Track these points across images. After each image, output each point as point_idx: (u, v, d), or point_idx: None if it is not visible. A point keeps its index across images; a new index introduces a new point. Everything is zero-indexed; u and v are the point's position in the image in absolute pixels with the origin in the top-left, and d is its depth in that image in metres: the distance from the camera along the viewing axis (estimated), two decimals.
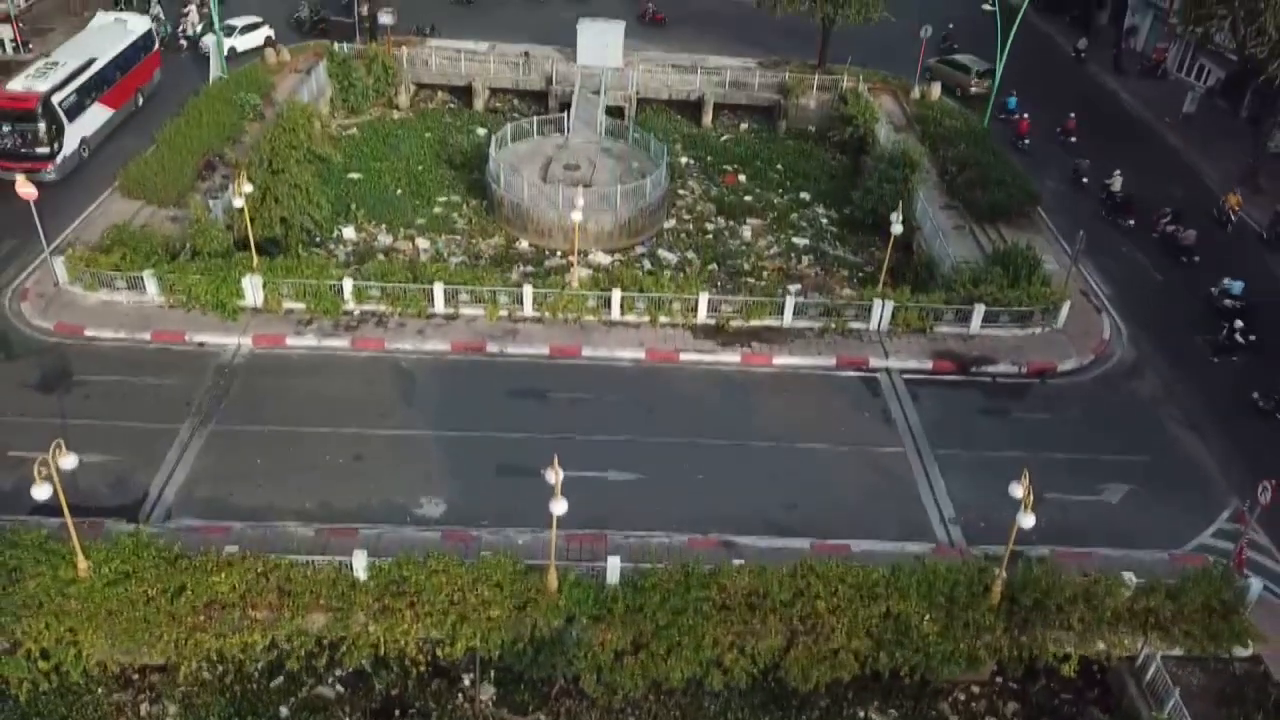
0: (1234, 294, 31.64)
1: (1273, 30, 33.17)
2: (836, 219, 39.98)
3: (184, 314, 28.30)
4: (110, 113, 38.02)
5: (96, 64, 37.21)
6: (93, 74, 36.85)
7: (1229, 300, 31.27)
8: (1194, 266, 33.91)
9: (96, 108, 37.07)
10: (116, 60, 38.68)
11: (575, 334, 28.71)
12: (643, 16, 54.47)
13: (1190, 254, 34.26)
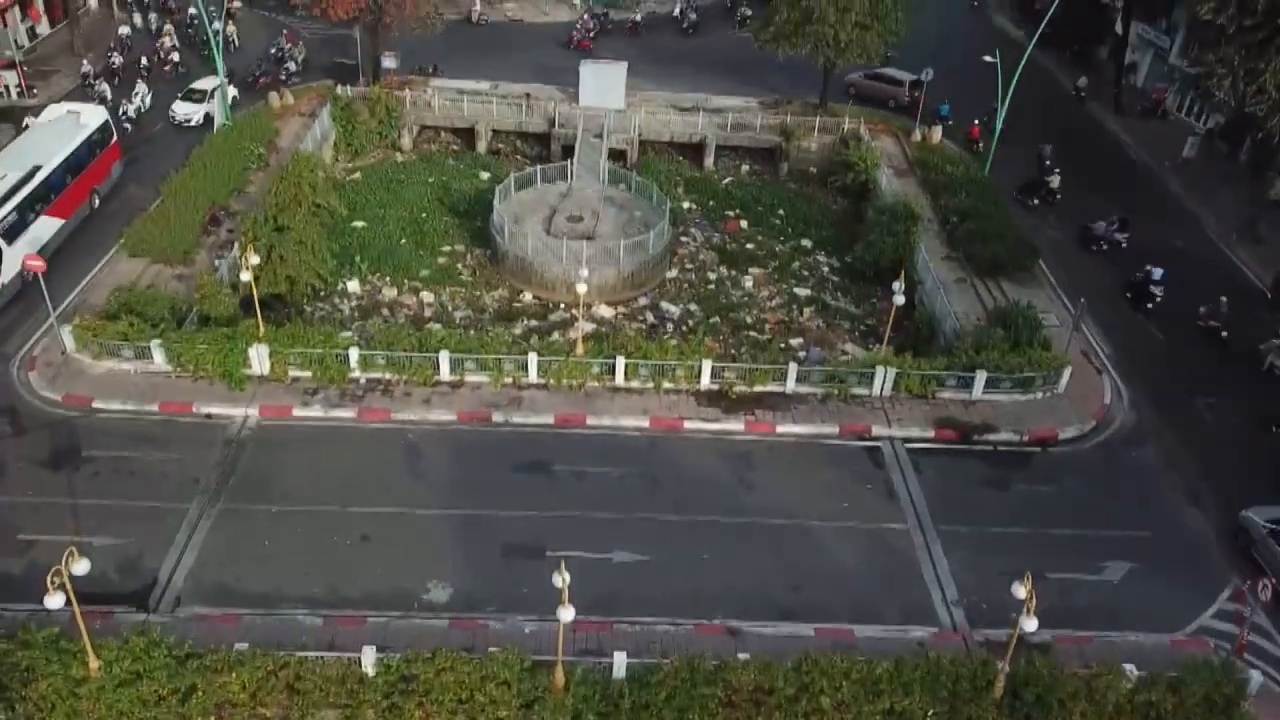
0: (1155, 278, 34.76)
1: (1273, 89, 33.35)
2: (838, 268, 40.17)
3: (191, 383, 28.49)
4: (59, 224, 34.08)
5: (42, 172, 33.44)
6: (38, 184, 33.06)
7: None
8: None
9: (43, 221, 33.19)
10: (67, 162, 34.90)
11: (580, 402, 28.90)
12: (568, 43, 55.47)
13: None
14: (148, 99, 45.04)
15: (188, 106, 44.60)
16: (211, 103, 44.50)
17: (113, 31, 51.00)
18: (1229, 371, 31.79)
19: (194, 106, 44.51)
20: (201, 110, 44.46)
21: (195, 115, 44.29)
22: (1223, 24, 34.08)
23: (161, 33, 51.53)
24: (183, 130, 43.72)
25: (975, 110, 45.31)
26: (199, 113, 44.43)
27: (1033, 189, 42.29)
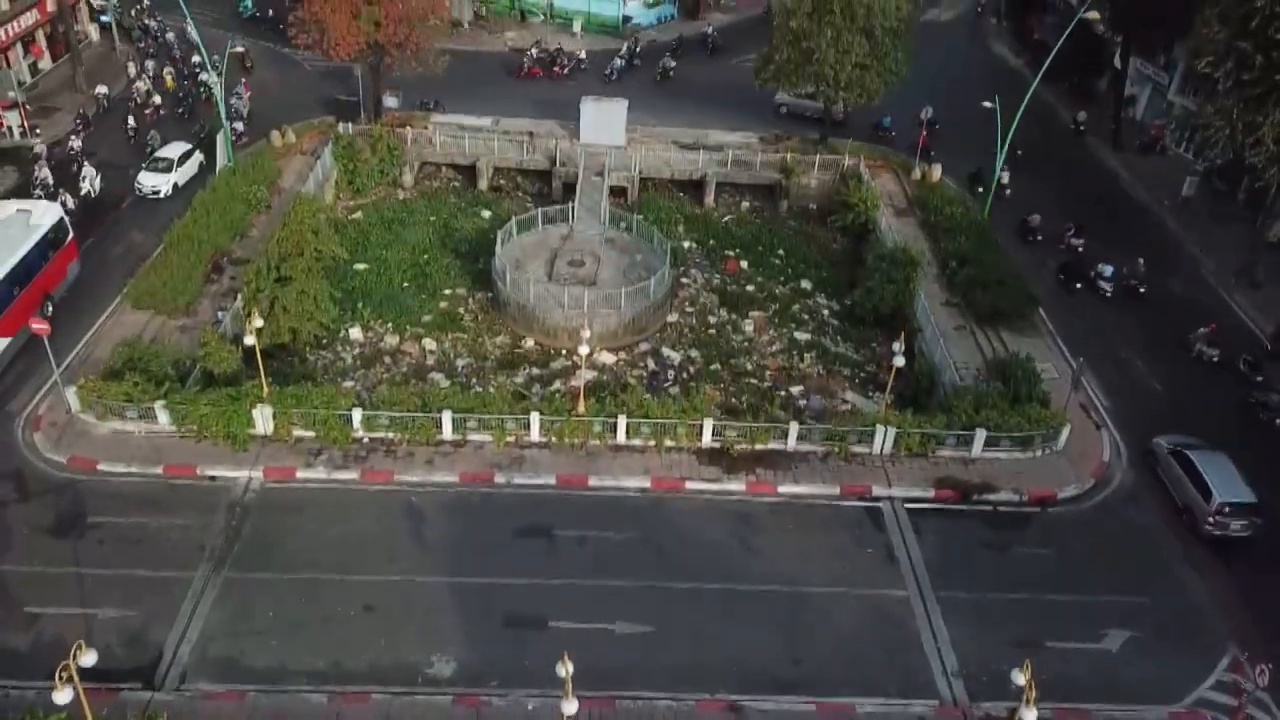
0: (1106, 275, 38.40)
1: (1270, 142, 33.53)
2: (838, 310, 40.31)
3: (195, 444, 28.67)
4: (5, 341, 30.88)
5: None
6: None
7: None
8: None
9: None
10: (15, 272, 31.48)
11: (582, 461, 29.07)
12: (518, 71, 55.89)
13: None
14: (96, 182, 41.47)
15: (154, 178, 42.02)
16: (180, 170, 42.62)
17: (81, 102, 48.12)
18: (1233, 428, 31.88)
19: (161, 177, 42.04)
20: (169, 180, 42.10)
21: (163, 186, 41.90)
22: (1220, 77, 34.26)
23: (160, 76, 51.22)
24: (150, 204, 41.36)
25: (978, 148, 45.23)
26: (167, 183, 42.04)
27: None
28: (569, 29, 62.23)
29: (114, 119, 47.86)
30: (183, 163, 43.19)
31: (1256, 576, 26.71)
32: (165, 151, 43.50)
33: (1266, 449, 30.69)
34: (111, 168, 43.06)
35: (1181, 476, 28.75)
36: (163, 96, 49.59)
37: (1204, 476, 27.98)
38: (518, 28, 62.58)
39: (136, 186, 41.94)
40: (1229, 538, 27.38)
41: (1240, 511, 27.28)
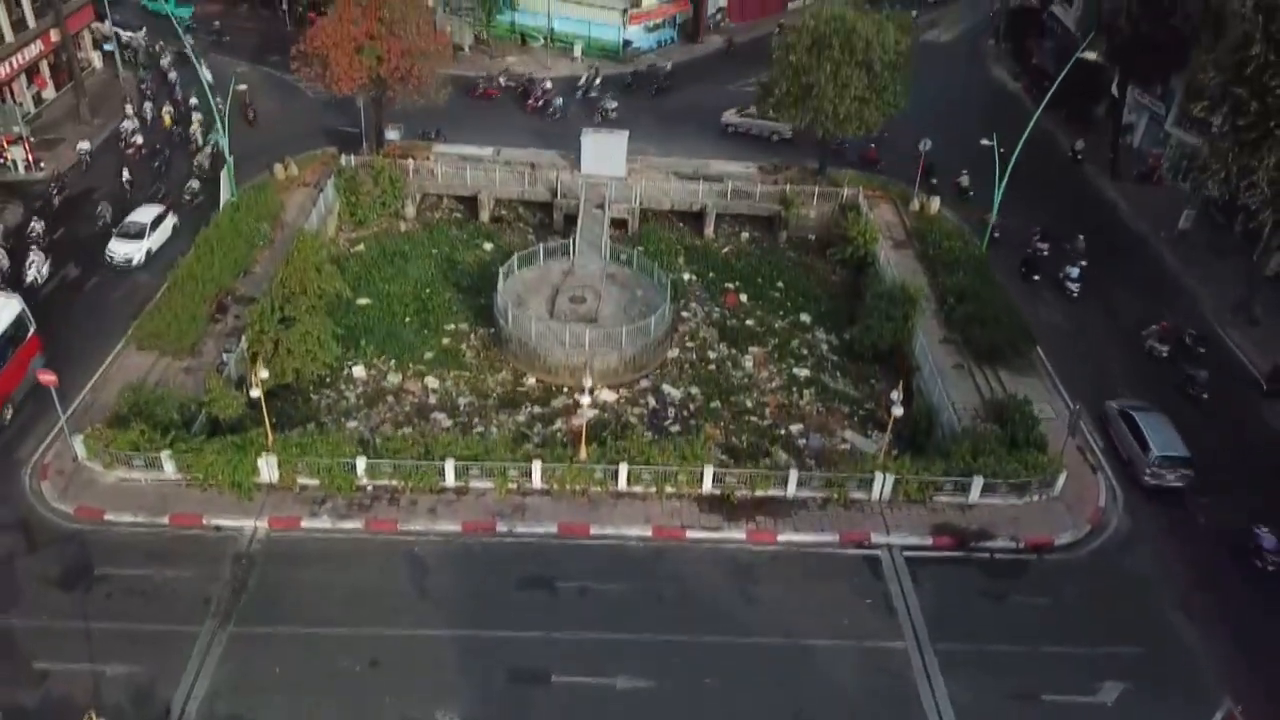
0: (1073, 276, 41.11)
1: (1265, 185, 33.83)
2: (837, 345, 40.60)
3: (201, 492, 28.95)
4: None
5: None
6: None
7: None
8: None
9: None
10: None
11: (583, 509, 29.36)
12: (473, 91, 55.90)
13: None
14: (44, 269, 38.27)
15: (126, 246, 39.28)
16: (154, 235, 40.16)
17: (52, 172, 45.20)
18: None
19: (133, 245, 39.29)
20: (143, 248, 39.43)
21: (136, 254, 39.17)
22: (1216, 122, 34.57)
23: (160, 115, 50.75)
24: (123, 274, 38.73)
25: (979, 180, 45.51)
26: (140, 251, 39.29)
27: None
28: (569, 53, 62.46)
29: (98, 173, 45.99)
30: (156, 226, 40.64)
31: (1250, 626, 27.00)
32: (137, 216, 40.78)
33: (1198, 418, 33.85)
34: (82, 247, 40.43)
35: (1126, 433, 32.54)
36: (152, 135, 49.25)
37: (1144, 433, 31.73)
38: (518, 52, 62.88)
39: (107, 256, 39.21)
40: (1164, 487, 30.96)
41: (1174, 464, 30.91)
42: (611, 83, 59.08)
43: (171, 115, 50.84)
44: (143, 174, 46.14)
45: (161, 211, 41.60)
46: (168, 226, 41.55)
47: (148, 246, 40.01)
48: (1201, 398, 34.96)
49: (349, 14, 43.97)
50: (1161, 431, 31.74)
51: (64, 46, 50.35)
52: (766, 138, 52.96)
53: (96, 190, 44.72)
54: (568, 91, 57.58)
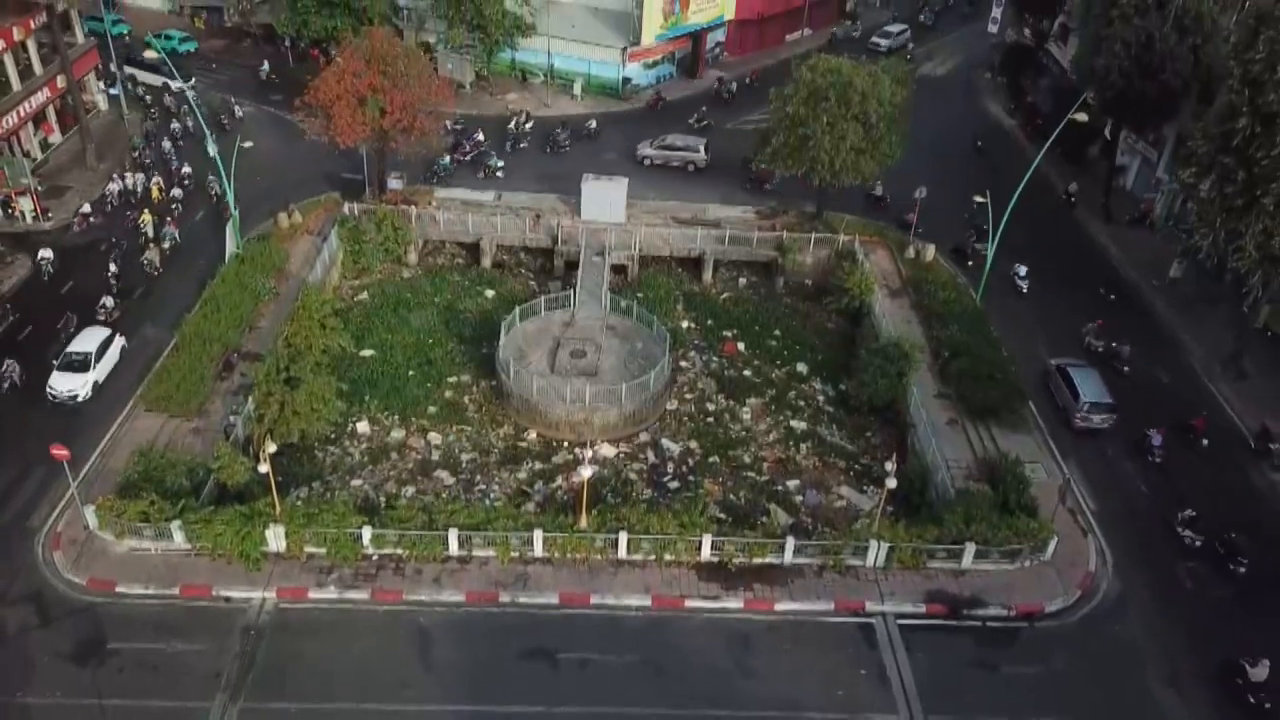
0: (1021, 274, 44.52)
1: (1253, 249, 34.50)
2: (833, 396, 41.25)
3: (210, 562, 29.57)
4: None
5: None
6: None
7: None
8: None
9: None
10: None
11: (584, 578, 29.99)
12: (455, 149, 54.24)
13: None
14: (18, 376, 35.97)
15: (69, 379, 35.33)
16: (101, 365, 36.29)
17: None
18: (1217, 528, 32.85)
19: (77, 378, 35.31)
20: (88, 381, 35.42)
21: (81, 389, 35.16)
22: (1204, 188, 35.27)
23: (150, 185, 48.89)
24: (65, 413, 34.75)
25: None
26: (85, 385, 35.31)
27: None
28: (570, 90, 63.10)
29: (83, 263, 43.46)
30: (102, 354, 36.50)
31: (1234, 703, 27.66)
32: (79, 344, 36.48)
33: (1119, 384, 38.72)
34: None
35: (1062, 385, 38.16)
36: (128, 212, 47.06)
37: (1076, 384, 37.36)
38: (519, 89, 63.48)
39: (49, 392, 35.15)
40: (1092, 429, 36.71)
41: (1100, 409, 36.70)
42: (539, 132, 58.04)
43: (160, 187, 49.00)
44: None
45: (107, 336, 37.21)
46: (115, 351, 37.31)
47: (93, 379, 35.80)
48: (1124, 370, 40.02)
49: (352, 67, 44.65)
50: (1090, 383, 37.47)
51: (70, 91, 50.89)
52: (682, 168, 54.43)
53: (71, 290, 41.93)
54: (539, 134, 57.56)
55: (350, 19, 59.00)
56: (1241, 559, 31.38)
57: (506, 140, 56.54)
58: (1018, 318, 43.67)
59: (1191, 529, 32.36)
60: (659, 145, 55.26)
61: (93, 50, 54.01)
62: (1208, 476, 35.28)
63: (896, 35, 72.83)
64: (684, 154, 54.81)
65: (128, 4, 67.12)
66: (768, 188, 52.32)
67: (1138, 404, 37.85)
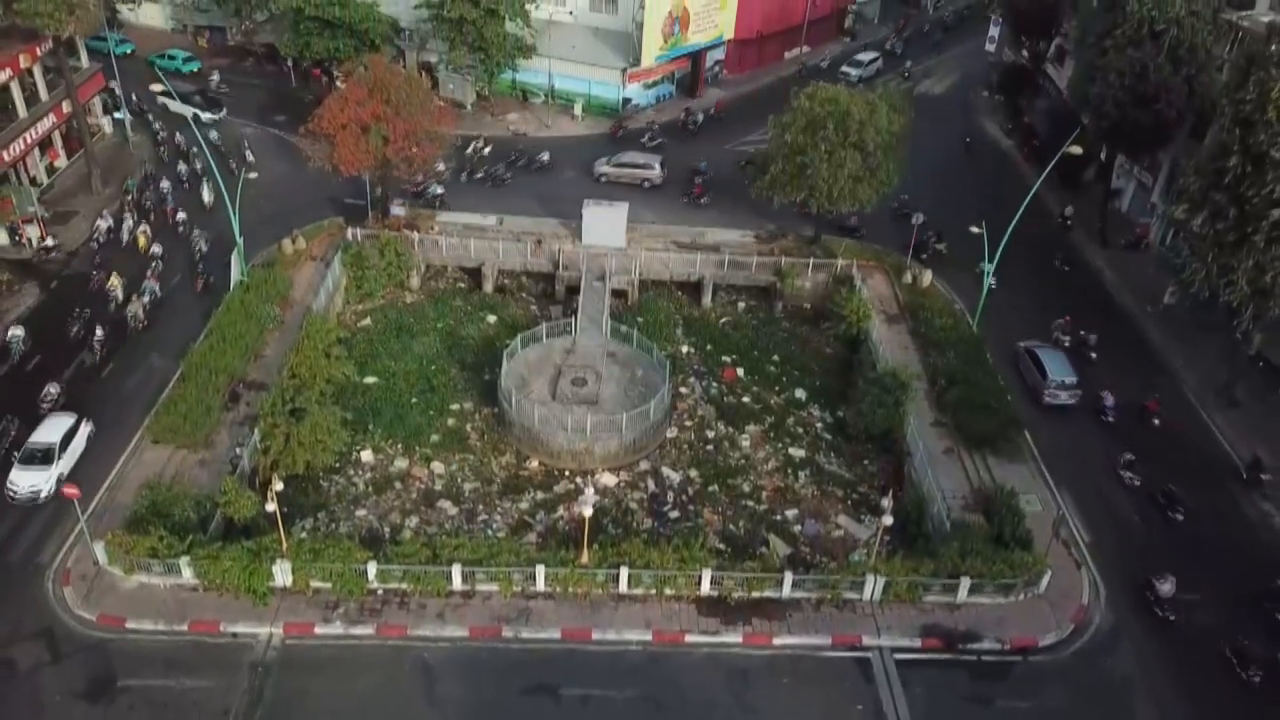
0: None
1: (1244, 284, 35.01)
2: (831, 424, 41.75)
3: (217, 597, 30.07)
4: None
5: None
6: None
7: None
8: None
9: None
10: None
11: (585, 613, 30.49)
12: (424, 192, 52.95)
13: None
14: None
15: (31, 476, 32.71)
16: (65, 457, 33.69)
17: None
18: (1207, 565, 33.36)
19: (39, 474, 32.71)
20: (50, 476, 32.72)
21: (44, 485, 32.61)
22: (1197, 224, 35.78)
23: (136, 233, 47.52)
24: (26, 511, 32.44)
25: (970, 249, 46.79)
26: (49, 480, 32.68)
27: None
28: (570, 110, 63.59)
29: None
30: (67, 444, 33.83)
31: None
32: (41, 435, 33.86)
33: (1090, 371, 41.92)
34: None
35: (1031, 365, 41.42)
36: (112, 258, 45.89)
37: (1044, 364, 40.86)
38: (520, 109, 63.99)
39: (9, 491, 32.51)
40: (1059, 404, 40.06)
41: (1065, 386, 40.08)
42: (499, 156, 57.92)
43: (147, 236, 47.43)
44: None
45: (73, 424, 34.54)
46: (82, 439, 34.62)
47: (58, 473, 33.05)
48: (1091, 357, 43.18)
49: (355, 96, 45.17)
50: (1057, 362, 41.09)
51: (75, 116, 51.36)
52: (639, 185, 55.37)
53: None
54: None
55: (352, 40, 59.54)
56: (1179, 507, 34.89)
57: (463, 167, 55.59)
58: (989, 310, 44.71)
59: (1130, 471, 36.62)
60: (616, 163, 56.41)
61: (98, 74, 54.47)
62: (1156, 440, 38.34)
63: (867, 64, 71.14)
64: (640, 171, 56.04)
65: (131, 24, 67.44)
66: (703, 202, 53.94)
67: (1107, 387, 40.34)
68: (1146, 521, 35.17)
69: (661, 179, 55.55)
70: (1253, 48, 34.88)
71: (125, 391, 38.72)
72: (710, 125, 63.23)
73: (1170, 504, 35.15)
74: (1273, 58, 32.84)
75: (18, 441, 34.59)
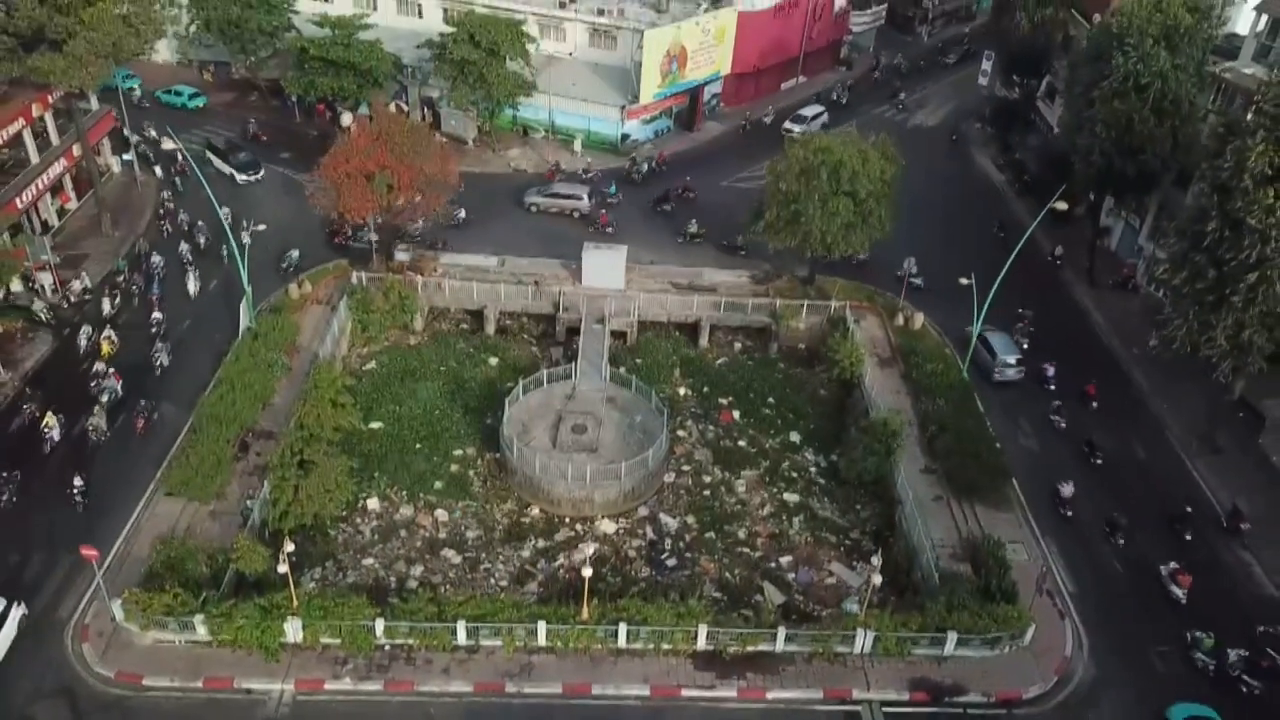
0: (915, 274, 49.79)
1: (1223, 341, 36.14)
2: (825, 468, 42.89)
3: (231, 654, 31.18)
4: None
5: None
6: None
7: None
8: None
9: None
10: None
11: (586, 668, 31.62)
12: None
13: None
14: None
15: None
16: (12, 620, 30.63)
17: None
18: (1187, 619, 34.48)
19: None
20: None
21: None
22: (1177, 285, 36.92)
23: (99, 340, 44.03)
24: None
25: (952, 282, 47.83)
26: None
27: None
28: (570, 146, 64.71)
29: None
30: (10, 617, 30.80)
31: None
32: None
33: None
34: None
35: (981, 348, 45.95)
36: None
37: (993, 346, 46.25)
38: (520, 145, 65.09)
39: None
40: (1007, 380, 45.76)
41: (1012, 365, 45.85)
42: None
43: (112, 343, 43.71)
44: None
45: (3, 606, 30.72)
46: (12, 626, 30.68)
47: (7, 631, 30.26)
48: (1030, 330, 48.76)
49: (360, 144, 46.28)
50: (1004, 343, 46.63)
51: (85, 158, 52.43)
52: (568, 214, 57.28)
53: None
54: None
55: (355, 79, 60.64)
56: (1098, 451, 41.14)
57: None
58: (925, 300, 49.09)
59: (1058, 415, 43.63)
60: (546, 194, 58.24)
61: (108, 115, 55.49)
62: (1139, 487, 40.11)
63: (811, 119, 68.38)
64: (568, 201, 57.80)
65: (138, 58, 68.33)
66: (609, 230, 55.63)
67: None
68: (1131, 579, 36.32)
69: (590, 209, 57.28)
70: (1231, 116, 36.01)
71: (130, 448, 39.45)
72: (651, 177, 61.96)
73: (1092, 451, 41.26)
74: (1249, 127, 33.98)
75: None
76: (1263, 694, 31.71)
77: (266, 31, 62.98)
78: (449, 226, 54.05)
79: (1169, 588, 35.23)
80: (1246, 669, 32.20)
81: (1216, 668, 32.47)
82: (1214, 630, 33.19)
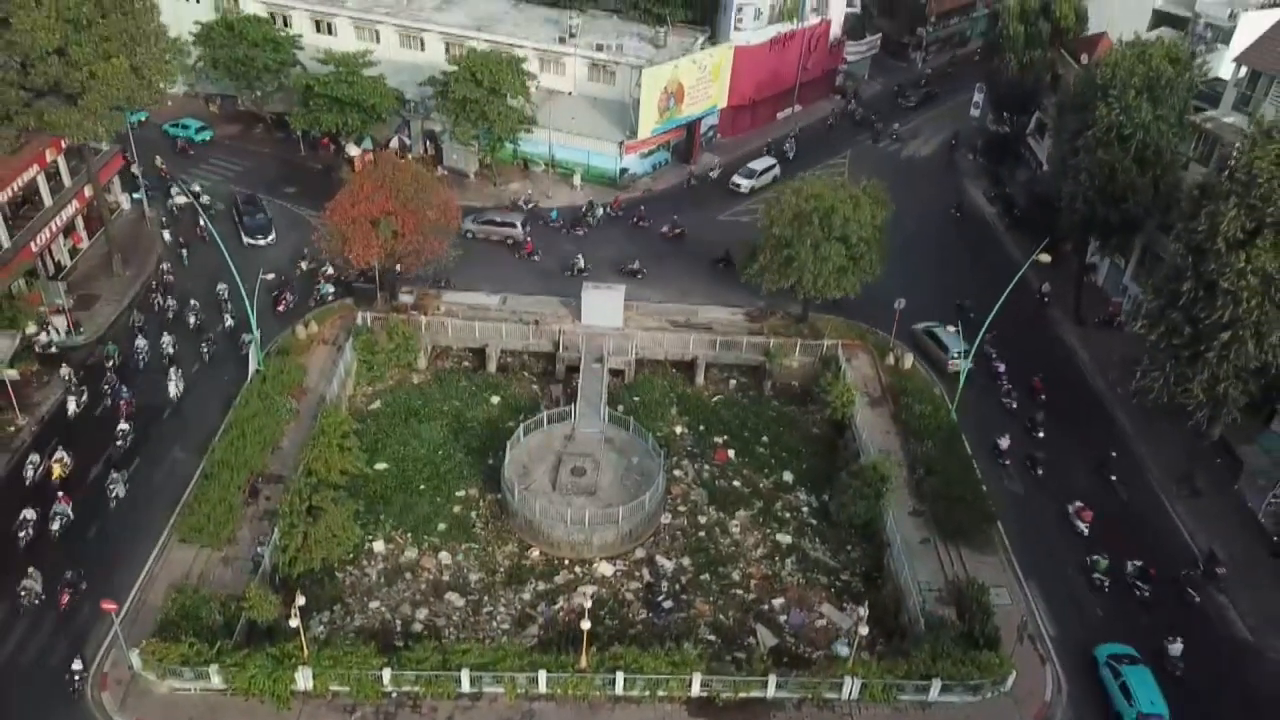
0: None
1: (1200, 393, 37.48)
2: (816, 508, 44.23)
3: (244, 701, 32.51)
4: None
5: None
6: None
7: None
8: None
9: None
10: None
11: (585, 714, 32.96)
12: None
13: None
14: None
15: None
16: None
17: None
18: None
19: None
20: None
21: None
22: (1154, 340, 38.26)
23: (50, 462, 40.60)
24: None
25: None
26: None
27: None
28: (570, 179, 66.03)
29: None
30: None
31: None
32: None
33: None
34: None
35: (930, 343, 51.10)
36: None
37: (942, 340, 50.80)
38: (521, 178, 66.40)
39: None
40: (955, 371, 48.06)
41: (961, 355, 48.21)
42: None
43: (64, 465, 40.58)
44: None
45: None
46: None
47: None
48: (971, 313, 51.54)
49: (364, 191, 47.60)
50: (951, 338, 50.38)
51: (96, 198, 53.70)
52: (503, 241, 59.14)
53: None
54: None
55: (359, 115, 61.97)
56: (1041, 427, 45.82)
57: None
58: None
59: (1009, 397, 48.25)
60: (481, 221, 59.71)
61: (118, 155, 56.78)
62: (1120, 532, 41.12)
63: (760, 173, 66.67)
64: (503, 229, 59.34)
65: None
66: (535, 258, 57.80)
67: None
68: (1110, 611, 37.74)
69: (525, 238, 58.81)
70: (1207, 179, 37.33)
71: (137, 500, 40.60)
72: (607, 223, 62.44)
73: (1033, 427, 46.01)
74: (1222, 191, 35.30)
75: None
76: (1149, 596, 37.88)
77: (272, 69, 64.27)
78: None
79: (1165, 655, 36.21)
80: (1139, 576, 38.66)
81: (1112, 583, 38.58)
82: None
